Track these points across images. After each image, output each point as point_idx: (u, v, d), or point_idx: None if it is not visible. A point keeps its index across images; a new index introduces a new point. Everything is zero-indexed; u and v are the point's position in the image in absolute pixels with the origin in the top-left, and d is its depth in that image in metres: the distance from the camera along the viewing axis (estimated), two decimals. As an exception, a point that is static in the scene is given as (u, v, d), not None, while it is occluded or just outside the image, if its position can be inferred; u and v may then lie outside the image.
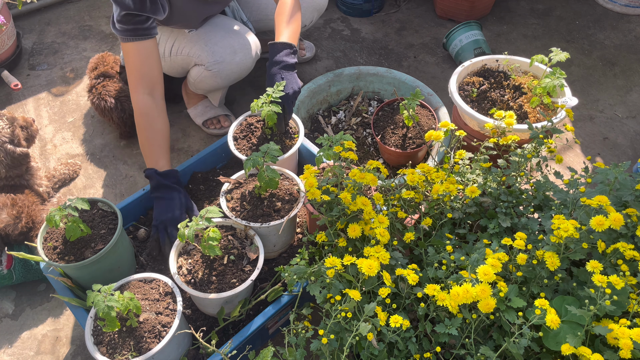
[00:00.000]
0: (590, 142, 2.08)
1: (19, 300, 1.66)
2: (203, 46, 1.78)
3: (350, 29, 2.63)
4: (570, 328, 0.97)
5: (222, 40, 1.79)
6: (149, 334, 1.22)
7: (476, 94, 1.79)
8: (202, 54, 1.78)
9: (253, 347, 1.41)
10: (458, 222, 1.30)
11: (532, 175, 1.33)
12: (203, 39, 1.79)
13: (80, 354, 1.54)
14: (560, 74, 1.60)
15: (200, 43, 1.79)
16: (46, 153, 2.07)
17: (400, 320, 0.99)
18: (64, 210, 1.30)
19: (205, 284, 1.31)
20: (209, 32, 1.80)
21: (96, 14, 2.72)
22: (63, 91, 2.32)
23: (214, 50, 1.78)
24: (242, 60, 1.82)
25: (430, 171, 1.30)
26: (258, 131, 1.66)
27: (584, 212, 1.10)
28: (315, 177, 1.25)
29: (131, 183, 1.97)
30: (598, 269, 0.97)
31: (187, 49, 1.81)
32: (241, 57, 1.82)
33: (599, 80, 2.32)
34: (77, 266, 1.31)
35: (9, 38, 2.31)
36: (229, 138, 1.64)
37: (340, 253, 1.20)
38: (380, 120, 1.84)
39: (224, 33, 1.81)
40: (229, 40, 1.80)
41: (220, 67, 1.80)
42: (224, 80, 1.86)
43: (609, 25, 2.58)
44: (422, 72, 2.38)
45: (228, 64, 1.80)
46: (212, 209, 1.27)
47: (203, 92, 2.00)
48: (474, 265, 1.05)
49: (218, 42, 1.79)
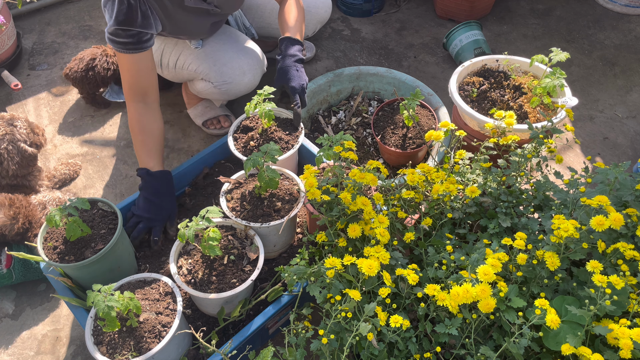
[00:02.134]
0: (590, 142, 2.08)
1: (19, 300, 1.66)
2: (212, 65, 1.76)
3: (350, 29, 2.63)
4: (570, 328, 0.97)
5: (231, 62, 1.77)
6: (149, 334, 1.22)
7: (476, 94, 1.79)
8: (211, 73, 1.77)
9: (253, 347, 1.41)
10: (458, 222, 1.30)
11: (532, 175, 1.33)
12: (212, 58, 1.77)
13: (80, 354, 1.54)
14: (560, 74, 1.60)
15: (208, 62, 1.77)
16: (46, 153, 2.07)
17: (400, 320, 0.99)
18: (64, 210, 1.30)
19: (205, 284, 1.31)
20: (217, 50, 1.78)
21: (96, 14, 2.72)
22: (63, 91, 2.32)
23: (223, 71, 1.77)
24: (250, 80, 1.83)
25: (431, 171, 1.30)
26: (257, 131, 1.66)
27: (584, 212, 1.10)
28: (315, 177, 1.25)
29: (131, 183, 1.97)
30: (598, 269, 0.97)
31: (194, 65, 1.80)
32: (250, 77, 1.82)
33: (599, 80, 2.32)
34: (77, 266, 1.31)
35: (9, 38, 2.31)
36: (229, 138, 1.64)
37: (340, 253, 1.20)
38: (380, 120, 1.84)
39: (232, 53, 1.78)
40: (238, 62, 1.78)
41: (228, 87, 1.80)
42: (231, 96, 1.88)
43: (609, 25, 2.58)
44: (422, 72, 2.38)
45: (237, 85, 1.80)
46: (212, 209, 1.27)
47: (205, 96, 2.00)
48: (474, 265, 1.05)
49: (227, 62, 1.77)
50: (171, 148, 2.08)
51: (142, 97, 1.58)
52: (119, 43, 1.47)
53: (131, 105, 1.58)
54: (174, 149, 2.08)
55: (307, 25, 2.06)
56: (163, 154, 1.63)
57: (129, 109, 1.59)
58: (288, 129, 1.68)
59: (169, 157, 2.05)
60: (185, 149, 2.08)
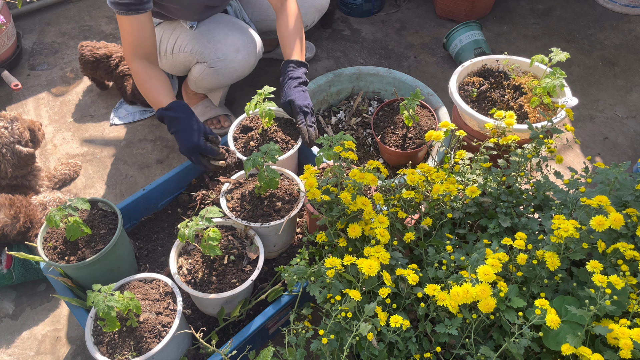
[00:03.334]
0: (590, 142, 2.08)
1: (19, 300, 1.66)
2: (206, 43, 1.78)
3: (350, 29, 2.64)
4: (570, 328, 0.97)
5: (225, 38, 1.79)
6: (149, 334, 1.22)
7: (476, 94, 1.79)
8: (205, 51, 1.79)
9: (253, 347, 1.41)
10: (458, 222, 1.30)
11: (532, 175, 1.33)
12: (206, 36, 1.79)
13: (80, 354, 1.54)
14: (560, 74, 1.60)
15: (202, 40, 1.79)
16: (46, 153, 2.07)
17: (400, 320, 0.99)
18: (64, 210, 1.30)
19: (205, 284, 1.31)
20: (212, 29, 1.80)
21: (96, 14, 2.72)
22: (63, 91, 2.32)
23: (217, 48, 1.78)
24: (244, 58, 1.82)
25: (431, 171, 1.30)
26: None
27: (584, 212, 1.10)
28: (315, 177, 1.25)
29: (131, 183, 1.97)
30: (598, 269, 0.97)
31: (189, 46, 1.81)
32: (244, 55, 1.82)
33: (599, 80, 2.32)
34: (77, 266, 1.31)
35: (9, 38, 2.31)
36: (229, 138, 1.64)
37: (341, 253, 1.20)
38: (380, 120, 1.84)
39: (227, 30, 1.81)
40: (232, 38, 1.80)
41: (222, 64, 1.80)
42: (226, 78, 1.86)
43: (609, 25, 2.58)
44: (422, 72, 2.38)
45: (230, 62, 1.80)
46: (212, 209, 1.27)
47: (204, 90, 2.00)
48: (474, 265, 1.05)
49: (221, 39, 1.79)
50: (171, 148, 2.08)
51: (145, 57, 1.61)
52: (122, 5, 1.50)
53: (135, 63, 1.60)
54: (174, 149, 2.08)
55: (305, 15, 2.03)
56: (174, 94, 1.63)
57: (132, 68, 1.60)
58: (288, 130, 1.68)
59: (169, 157, 2.05)
60: (185, 149, 2.08)
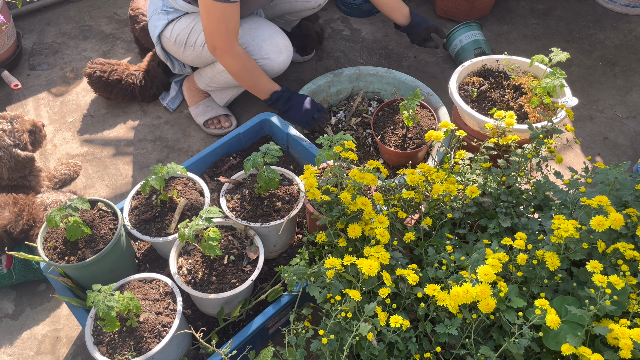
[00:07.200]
0: (590, 142, 2.08)
1: (19, 300, 1.66)
2: (250, 40, 1.84)
3: (350, 29, 2.63)
4: (570, 328, 0.97)
5: (270, 39, 1.86)
6: (149, 334, 1.22)
7: (476, 94, 1.79)
8: (249, 48, 1.84)
9: (253, 347, 1.41)
10: (458, 222, 1.30)
11: (532, 175, 1.33)
12: (249, 34, 1.85)
13: (80, 354, 1.54)
14: (560, 74, 1.60)
15: (246, 37, 1.84)
16: (46, 153, 2.07)
17: (400, 320, 0.99)
18: (65, 210, 1.30)
19: (205, 284, 1.31)
20: (254, 28, 1.87)
21: (96, 14, 2.72)
22: (63, 91, 2.32)
23: (262, 46, 1.84)
24: (284, 60, 1.89)
25: (430, 171, 1.30)
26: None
27: (584, 212, 1.10)
28: (315, 177, 1.25)
29: (131, 183, 1.97)
30: (598, 269, 0.97)
31: None
32: (285, 57, 1.89)
33: (599, 80, 2.32)
34: (77, 266, 1.31)
35: (9, 38, 2.31)
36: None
37: (340, 253, 1.20)
38: (380, 120, 1.84)
39: (271, 32, 1.87)
40: (277, 40, 1.86)
41: (264, 62, 1.85)
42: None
43: (609, 25, 2.58)
44: (422, 72, 2.38)
45: (272, 61, 1.86)
46: (212, 209, 1.27)
47: (220, 87, 2.02)
48: (474, 265, 1.05)
49: (266, 39, 1.85)
50: (171, 148, 2.08)
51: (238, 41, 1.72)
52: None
53: (238, 47, 1.72)
54: (174, 149, 2.08)
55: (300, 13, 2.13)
56: None
57: (236, 52, 1.72)
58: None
59: (169, 157, 2.05)
60: (185, 149, 2.08)
